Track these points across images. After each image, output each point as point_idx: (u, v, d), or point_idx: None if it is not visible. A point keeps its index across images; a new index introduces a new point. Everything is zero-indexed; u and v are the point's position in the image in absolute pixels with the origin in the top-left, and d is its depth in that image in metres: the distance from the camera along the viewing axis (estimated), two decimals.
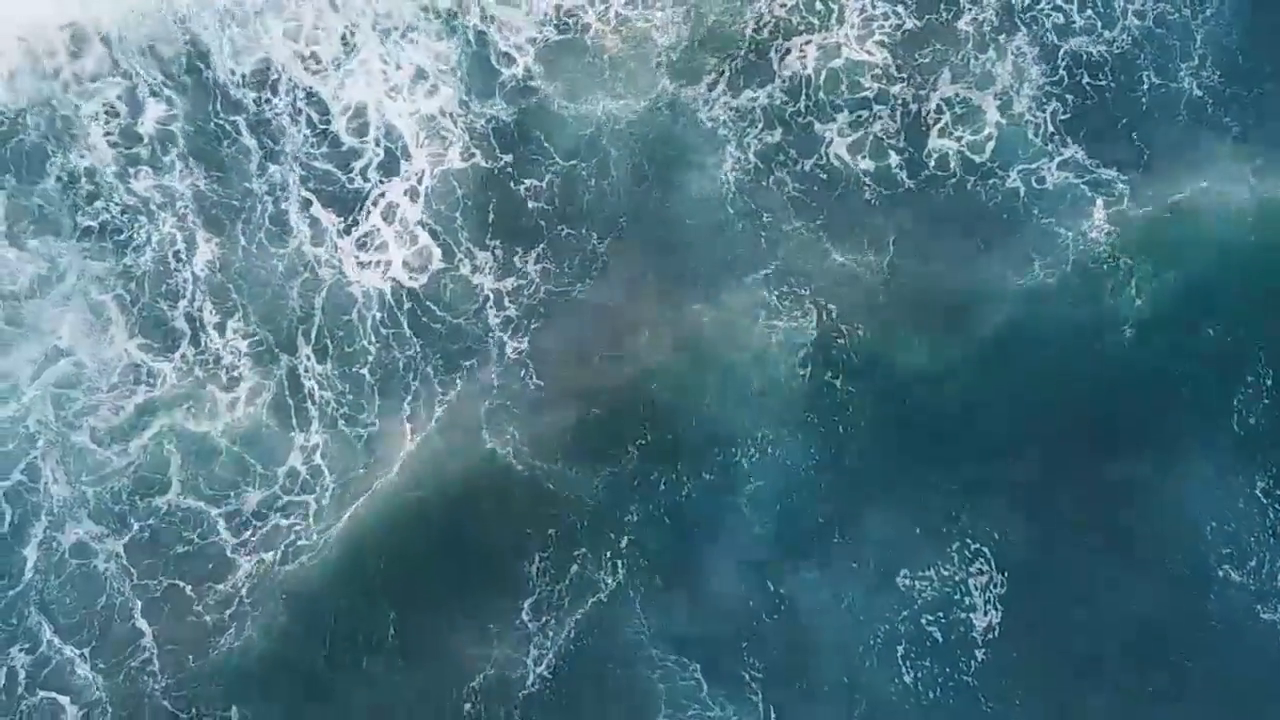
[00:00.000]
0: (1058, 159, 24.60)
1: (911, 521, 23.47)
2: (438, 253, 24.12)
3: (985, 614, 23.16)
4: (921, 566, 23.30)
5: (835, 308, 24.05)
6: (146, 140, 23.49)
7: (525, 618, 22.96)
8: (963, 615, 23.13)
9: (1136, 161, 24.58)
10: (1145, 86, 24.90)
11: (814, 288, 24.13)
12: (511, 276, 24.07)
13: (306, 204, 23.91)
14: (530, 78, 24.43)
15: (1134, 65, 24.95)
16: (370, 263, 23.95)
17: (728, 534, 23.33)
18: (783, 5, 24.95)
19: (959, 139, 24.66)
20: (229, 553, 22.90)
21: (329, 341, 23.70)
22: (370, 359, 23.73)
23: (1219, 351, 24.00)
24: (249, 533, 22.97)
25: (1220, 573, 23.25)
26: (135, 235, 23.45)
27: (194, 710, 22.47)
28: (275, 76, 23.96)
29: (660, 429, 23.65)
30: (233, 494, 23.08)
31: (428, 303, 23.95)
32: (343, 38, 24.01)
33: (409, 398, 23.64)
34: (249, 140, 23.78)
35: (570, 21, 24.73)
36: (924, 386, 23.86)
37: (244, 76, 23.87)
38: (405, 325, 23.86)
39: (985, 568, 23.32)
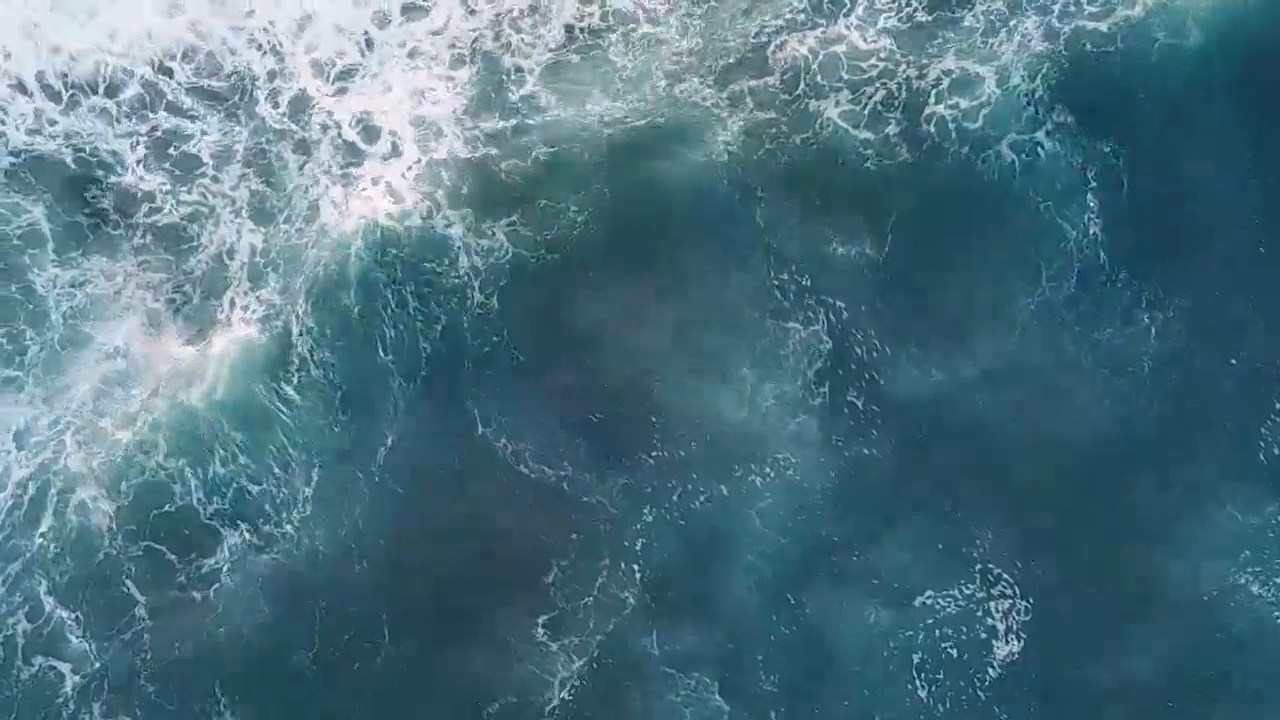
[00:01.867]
0: (1049, 125, 24.37)
1: (932, 545, 23.28)
2: (421, 219, 24.24)
3: (1006, 641, 22.99)
4: (943, 588, 23.13)
5: (844, 306, 23.94)
6: (202, 163, 24.57)
7: (542, 634, 22.90)
8: (983, 638, 22.99)
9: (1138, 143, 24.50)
10: (1150, 61, 24.68)
11: (816, 281, 24.00)
12: (485, 239, 24.08)
13: (327, 188, 24.43)
14: (536, 95, 24.82)
15: (1141, 40, 24.70)
16: (362, 228, 24.17)
17: (744, 549, 23.25)
18: (790, 9, 25.15)
19: (954, 105, 24.38)
20: (205, 517, 23.10)
21: (328, 306, 23.88)
22: (360, 323, 23.94)
23: (1244, 379, 23.78)
24: (228, 504, 23.15)
25: (1249, 603, 22.93)
26: (195, 240, 24.23)
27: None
28: (310, 106, 24.89)
29: (671, 437, 23.64)
30: (220, 469, 23.25)
31: (412, 263, 24.12)
32: (371, 73, 25.09)
33: (389, 355, 23.81)
34: (290, 155, 24.60)
35: (596, 41, 25.12)
36: (944, 409, 23.68)
37: (284, 111, 24.78)
38: (392, 290, 24.03)
39: (1009, 592, 23.14)
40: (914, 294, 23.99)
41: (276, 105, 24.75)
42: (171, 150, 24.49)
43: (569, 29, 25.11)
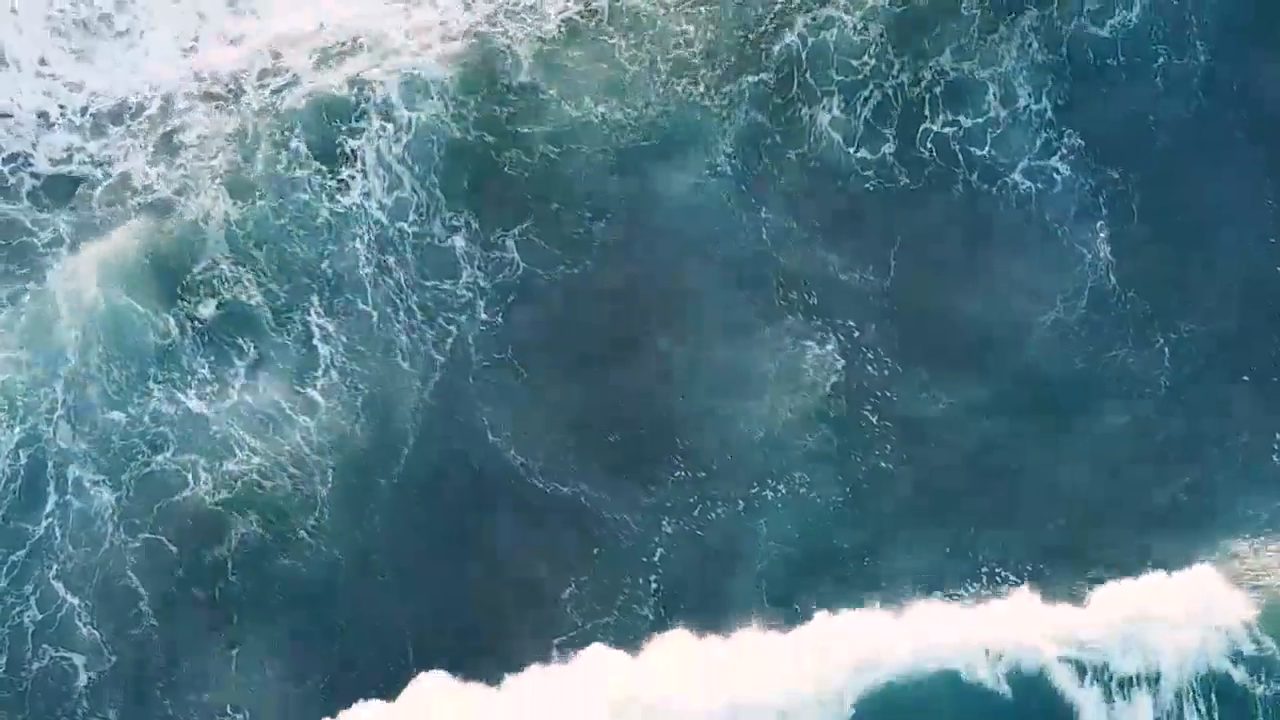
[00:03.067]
0: (1060, 151, 24.62)
1: (945, 558, 23.16)
2: (415, 217, 24.60)
3: None
4: (954, 599, 22.65)
5: (854, 324, 24.16)
6: (191, 146, 25.17)
7: (556, 656, 22.42)
8: None
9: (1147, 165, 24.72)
10: (1156, 69, 25.07)
11: (824, 301, 24.24)
12: (495, 250, 24.42)
13: (310, 161, 24.86)
14: (537, 84, 25.20)
15: (1143, 50, 25.08)
16: (356, 214, 24.58)
17: (758, 562, 23.17)
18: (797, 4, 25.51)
19: (955, 123, 24.75)
20: (216, 511, 23.06)
21: (334, 302, 24.17)
22: (372, 320, 24.14)
23: (1258, 394, 23.90)
24: (241, 506, 23.10)
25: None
26: (179, 211, 24.55)
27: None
28: (300, 92, 25.43)
29: (689, 454, 23.64)
30: (223, 461, 23.29)
31: (414, 269, 24.39)
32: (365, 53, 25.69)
33: (405, 360, 23.95)
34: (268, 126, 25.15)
35: (597, 34, 25.54)
36: (958, 426, 23.77)
37: (280, 99, 25.38)
38: (396, 289, 24.31)
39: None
40: (928, 312, 24.29)
41: (270, 90, 25.42)
42: (174, 143, 25.19)
43: (569, 21, 25.60)
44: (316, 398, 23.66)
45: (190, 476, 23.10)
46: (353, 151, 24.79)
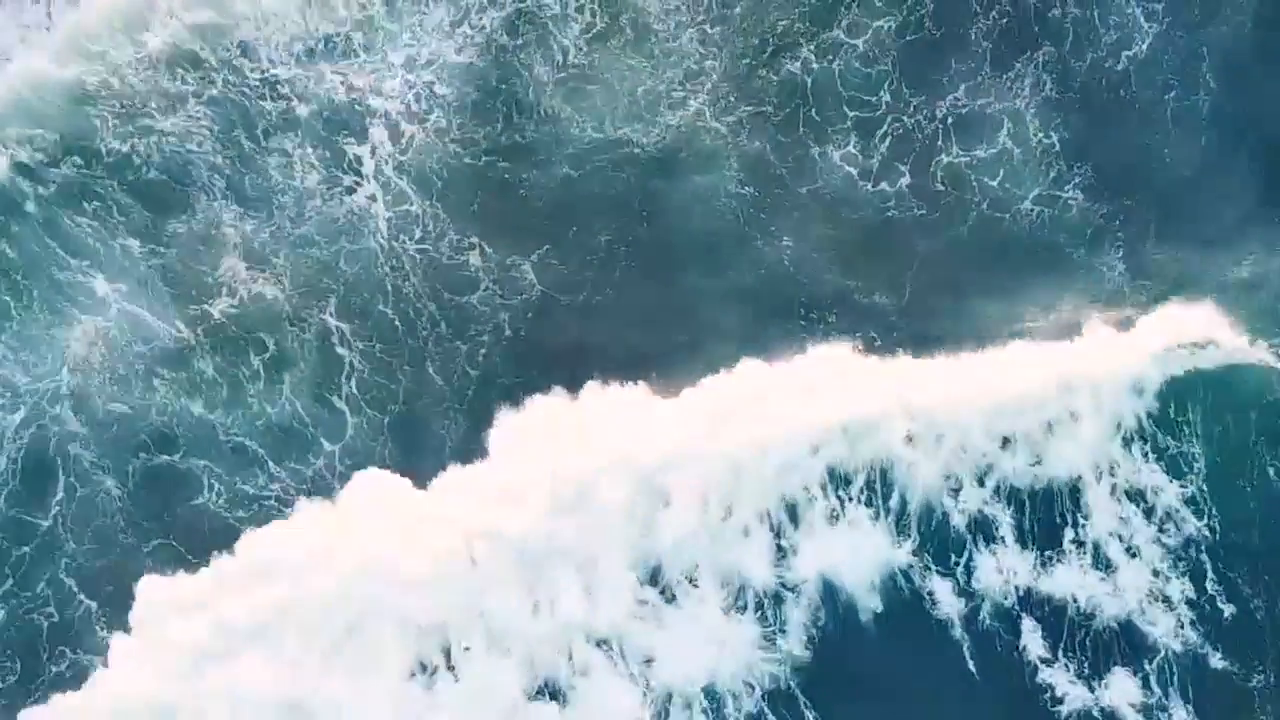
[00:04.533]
0: (1073, 183, 24.92)
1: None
2: (429, 237, 24.74)
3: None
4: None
5: (876, 336, 24.40)
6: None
7: None
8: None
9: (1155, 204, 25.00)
10: (1167, 102, 25.27)
11: (842, 320, 24.50)
12: (511, 272, 24.55)
13: (325, 174, 24.97)
14: (554, 109, 25.18)
15: (1151, 83, 25.33)
16: (369, 230, 24.70)
17: None
18: (799, 29, 25.59)
19: (970, 155, 25.00)
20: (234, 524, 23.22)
21: (356, 315, 24.35)
22: (396, 339, 24.30)
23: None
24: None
25: None
26: (188, 216, 24.65)
27: None
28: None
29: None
30: (247, 475, 23.49)
31: (435, 287, 24.55)
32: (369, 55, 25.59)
33: (438, 375, 24.12)
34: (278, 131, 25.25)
35: (610, 57, 25.44)
36: None
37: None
38: (420, 309, 24.45)
39: None
40: (941, 329, 24.49)
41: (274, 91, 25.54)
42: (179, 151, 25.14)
43: (589, 35, 25.59)
44: (343, 408, 23.84)
45: (205, 482, 23.34)
46: (358, 159, 25.02)
